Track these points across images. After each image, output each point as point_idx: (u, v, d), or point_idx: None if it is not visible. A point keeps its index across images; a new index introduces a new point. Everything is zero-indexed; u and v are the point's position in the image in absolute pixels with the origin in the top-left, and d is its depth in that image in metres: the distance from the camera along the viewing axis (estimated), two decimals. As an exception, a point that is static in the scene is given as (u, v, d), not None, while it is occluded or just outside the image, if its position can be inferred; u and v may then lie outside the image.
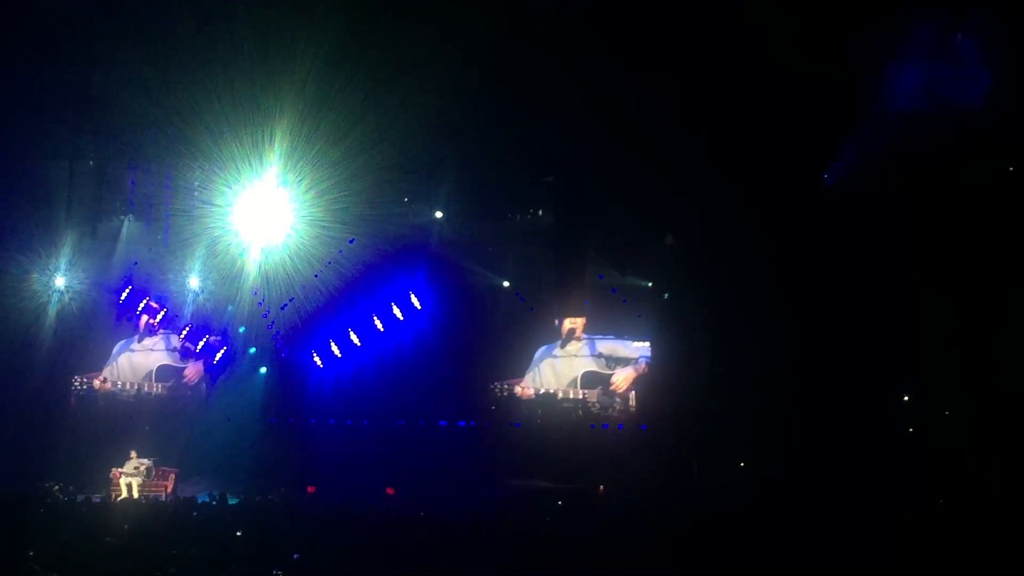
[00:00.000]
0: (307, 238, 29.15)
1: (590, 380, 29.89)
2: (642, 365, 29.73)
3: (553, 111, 28.31)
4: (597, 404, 29.70)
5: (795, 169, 26.77)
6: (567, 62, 27.34)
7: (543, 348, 30.40)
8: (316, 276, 29.17)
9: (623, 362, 29.89)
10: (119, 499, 25.67)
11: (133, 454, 27.35)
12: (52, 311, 30.15)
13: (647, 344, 29.71)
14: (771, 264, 27.18)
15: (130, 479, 26.79)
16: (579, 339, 30.16)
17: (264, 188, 28.71)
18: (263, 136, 27.80)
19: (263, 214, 28.93)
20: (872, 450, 23.98)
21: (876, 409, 25.93)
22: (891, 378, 26.60)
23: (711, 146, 26.72)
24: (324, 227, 28.97)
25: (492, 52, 27.15)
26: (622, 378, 29.72)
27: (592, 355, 30.00)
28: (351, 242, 29.09)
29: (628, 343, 29.92)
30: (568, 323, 30.21)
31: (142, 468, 27.04)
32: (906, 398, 26.84)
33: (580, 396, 29.81)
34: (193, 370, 31.59)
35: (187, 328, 31.09)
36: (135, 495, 26.33)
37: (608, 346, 30.04)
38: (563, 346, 30.20)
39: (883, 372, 26.30)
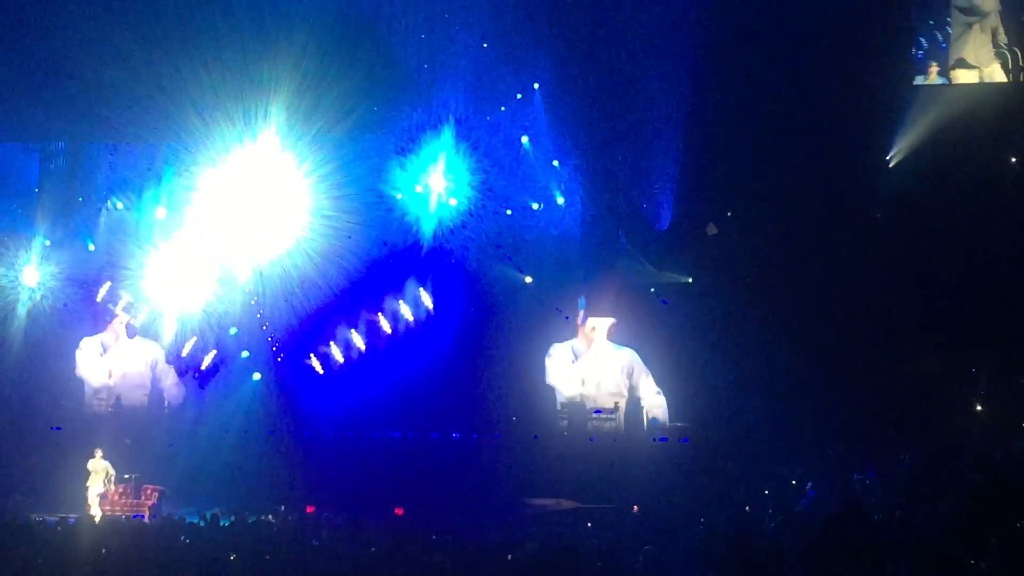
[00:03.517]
0: (307, 229, 29.00)
1: (618, 386, 29.70)
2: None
3: (583, 91, 28.33)
4: (627, 413, 29.53)
5: (847, 154, 26.74)
6: (600, 44, 27.45)
7: (560, 350, 30.17)
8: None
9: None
10: (98, 519, 25.58)
11: (98, 453, 27.16)
12: (22, 310, 30.08)
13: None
14: (824, 258, 27.05)
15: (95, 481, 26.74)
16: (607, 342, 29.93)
17: (258, 173, 28.59)
18: (256, 114, 27.72)
19: (257, 201, 28.81)
20: (939, 464, 23.77)
21: (942, 417, 25.75)
22: (960, 383, 26.40)
23: (757, 131, 26.77)
24: (325, 216, 28.82)
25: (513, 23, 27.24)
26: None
27: (620, 359, 29.79)
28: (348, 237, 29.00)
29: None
30: (592, 323, 29.96)
31: (108, 473, 26.95)
32: (979, 407, 26.55)
33: (613, 405, 29.60)
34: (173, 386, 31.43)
35: (172, 329, 30.87)
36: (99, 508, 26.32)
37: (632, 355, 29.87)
38: (588, 348, 29.97)
39: (950, 376, 26.13)
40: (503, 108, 29.78)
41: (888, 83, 26.73)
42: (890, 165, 27.13)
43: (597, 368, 29.86)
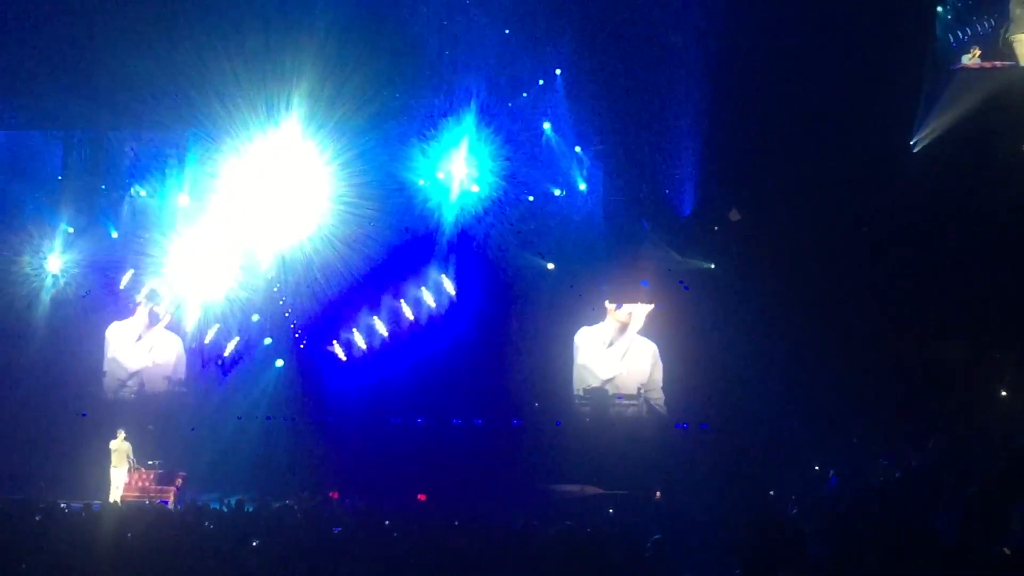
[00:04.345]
0: (329, 216, 29.03)
1: (644, 374, 29.67)
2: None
3: (604, 77, 28.27)
4: (651, 400, 29.53)
5: (871, 139, 26.63)
6: (621, 29, 27.41)
7: (591, 333, 30.11)
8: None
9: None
10: (121, 504, 25.69)
11: (120, 434, 27.31)
12: (46, 297, 30.16)
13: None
14: (848, 243, 26.97)
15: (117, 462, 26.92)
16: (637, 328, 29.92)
17: (280, 160, 28.61)
18: (278, 102, 27.73)
19: (279, 188, 28.84)
20: (963, 450, 23.66)
21: (967, 403, 25.64)
22: (984, 369, 26.28)
23: (780, 116, 26.71)
24: (347, 203, 28.83)
25: (535, 9, 27.21)
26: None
27: (648, 350, 29.77)
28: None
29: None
30: (628, 309, 29.89)
31: (130, 455, 27.13)
32: (1003, 393, 26.43)
33: (636, 391, 29.57)
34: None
35: (195, 316, 30.93)
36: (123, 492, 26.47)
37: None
38: (621, 334, 29.92)
39: (975, 362, 26.03)
40: (525, 94, 29.74)
41: (913, 67, 26.58)
42: (915, 150, 27.00)
43: (631, 353, 29.81)
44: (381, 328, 30.22)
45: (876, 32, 25.73)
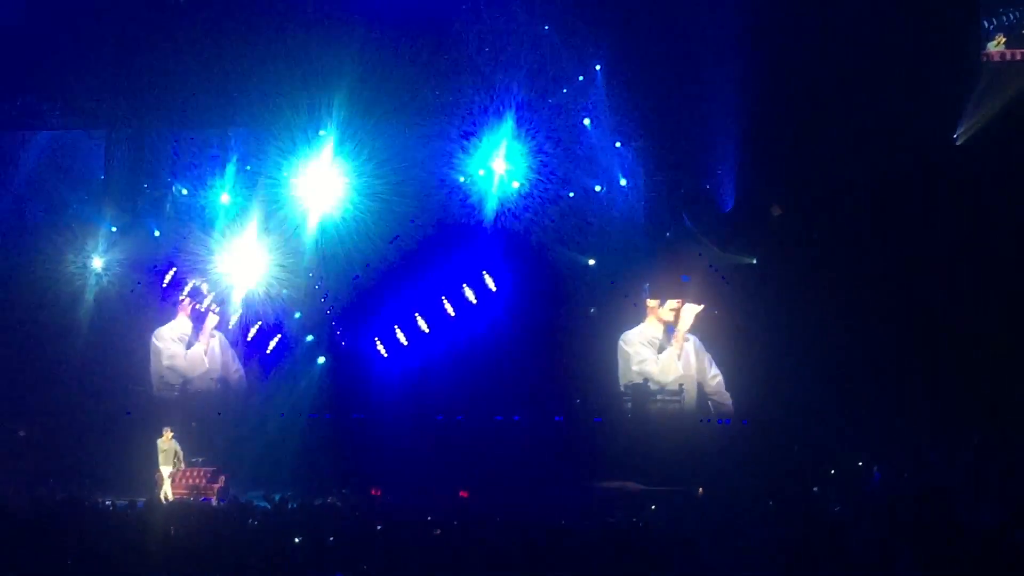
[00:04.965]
0: (368, 214, 29.11)
1: (690, 367, 29.61)
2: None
3: (645, 72, 28.24)
4: (691, 395, 29.45)
5: (913, 133, 26.52)
6: (662, 24, 27.39)
7: (638, 337, 30.05)
8: (392, 241, 29.10)
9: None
10: (166, 501, 25.88)
11: (167, 433, 27.56)
12: (90, 296, 30.39)
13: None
14: (890, 237, 26.83)
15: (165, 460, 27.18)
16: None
17: (321, 159, 28.74)
18: (320, 102, 27.84)
19: (320, 187, 28.97)
20: (1007, 445, 23.54)
21: (1011, 398, 25.48)
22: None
23: (821, 111, 26.62)
24: (386, 201, 28.91)
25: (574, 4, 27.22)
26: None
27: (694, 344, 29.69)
28: (393, 240, 29.09)
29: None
30: (671, 305, 29.78)
31: (177, 453, 27.37)
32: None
33: (677, 387, 29.48)
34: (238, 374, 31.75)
35: (236, 314, 31.09)
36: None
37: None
38: (667, 335, 29.83)
39: (1020, 357, 25.85)
40: (565, 90, 29.69)
41: (955, 59, 26.42)
42: (957, 144, 26.85)
43: (687, 353, 29.71)
44: (422, 325, 30.25)
45: (918, 25, 25.61)
